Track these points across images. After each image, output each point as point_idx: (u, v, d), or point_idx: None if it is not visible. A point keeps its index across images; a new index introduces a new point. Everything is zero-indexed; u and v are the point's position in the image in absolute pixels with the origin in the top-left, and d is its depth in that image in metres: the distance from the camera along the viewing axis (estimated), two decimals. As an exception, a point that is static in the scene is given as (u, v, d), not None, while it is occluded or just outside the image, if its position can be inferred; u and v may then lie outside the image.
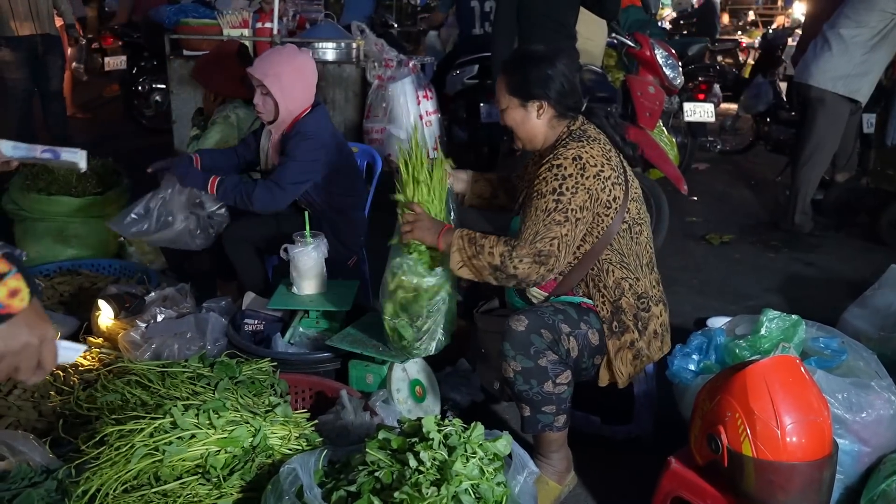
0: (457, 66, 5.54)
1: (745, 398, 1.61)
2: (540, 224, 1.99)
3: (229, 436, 1.70)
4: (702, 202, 5.36)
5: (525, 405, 2.01)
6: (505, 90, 2.16)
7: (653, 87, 3.96)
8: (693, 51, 6.37)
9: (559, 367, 1.98)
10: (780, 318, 2.16)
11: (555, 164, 2.04)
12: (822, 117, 4.35)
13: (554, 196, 2.00)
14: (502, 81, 2.17)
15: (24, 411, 2.07)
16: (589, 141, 2.09)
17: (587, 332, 2.05)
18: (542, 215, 1.99)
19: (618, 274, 2.09)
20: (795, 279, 3.97)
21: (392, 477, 1.51)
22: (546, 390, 1.97)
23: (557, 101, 2.13)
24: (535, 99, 2.12)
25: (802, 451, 1.58)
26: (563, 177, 2.01)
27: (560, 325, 2.00)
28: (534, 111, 2.14)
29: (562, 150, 2.06)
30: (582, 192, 2.01)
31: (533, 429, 2.03)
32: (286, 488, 1.53)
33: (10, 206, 3.34)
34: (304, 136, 2.74)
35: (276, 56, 2.78)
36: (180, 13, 4.62)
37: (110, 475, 1.60)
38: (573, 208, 2.00)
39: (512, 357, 1.96)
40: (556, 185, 2.01)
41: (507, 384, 2.03)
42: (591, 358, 2.08)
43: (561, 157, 2.05)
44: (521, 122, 2.17)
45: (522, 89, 2.13)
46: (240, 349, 2.40)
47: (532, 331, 1.96)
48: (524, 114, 2.15)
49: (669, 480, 1.83)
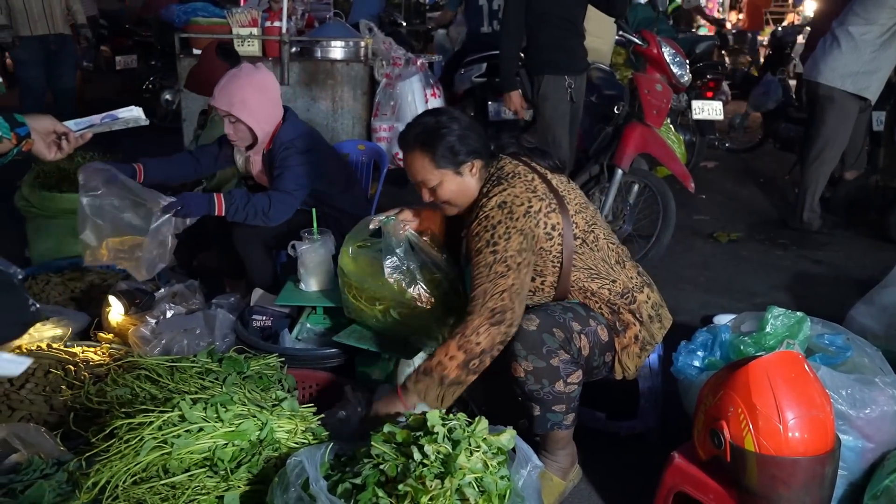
0: (465, 65, 5.56)
1: (747, 393, 1.61)
2: (486, 281, 1.91)
3: (237, 429, 1.72)
4: (710, 200, 5.35)
5: (535, 405, 1.98)
6: (432, 166, 2.06)
7: (660, 84, 3.95)
8: (701, 48, 6.35)
9: (571, 367, 1.96)
10: (786, 315, 2.16)
11: (481, 217, 2.00)
12: (832, 115, 4.34)
13: (489, 248, 1.95)
14: (423, 160, 2.06)
15: (36, 405, 2.10)
16: (508, 180, 2.04)
17: (596, 328, 2.04)
18: (485, 270, 1.93)
19: (594, 285, 2.07)
20: (803, 277, 3.96)
21: (397, 470, 1.52)
22: (557, 390, 1.95)
23: (482, 152, 2.08)
24: (465, 161, 2.06)
25: (804, 445, 1.59)
26: (492, 227, 1.97)
27: (571, 324, 1.98)
28: (467, 172, 2.08)
29: (485, 202, 2.02)
30: (516, 236, 1.95)
31: (542, 428, 2.02)
32: (292, 480, 1.55)
33: (21, 204, 3.39)
34: (289, 146, 2.77)
35: (235, 82, 2.74)
36: (190, 12, 4.65)
37: (120, 467, 1.63)
38: (511, 255, 1.93)
39: (523, 357, 1.93)
40: (487, 237, 1.97)
41: (515, 384, 1.99)
42: (602, 355, 2.07)
43: (486, 207, 2.01)
44: (459, 190, 2.09)
45: (450, 157, 2.05)
46: (248, 345, 2.42)
47: (544, 330, 1.93)
48: (460, 180, 2.08)
49: (672, 475, 1.84)
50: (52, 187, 3.37)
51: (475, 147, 2.08)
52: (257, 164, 2.90)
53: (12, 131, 1.54)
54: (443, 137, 2.05)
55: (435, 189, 2.09)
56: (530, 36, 3.81)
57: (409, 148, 2.10)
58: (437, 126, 2.07)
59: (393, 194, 4.58)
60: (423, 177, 2.09)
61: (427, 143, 2.06)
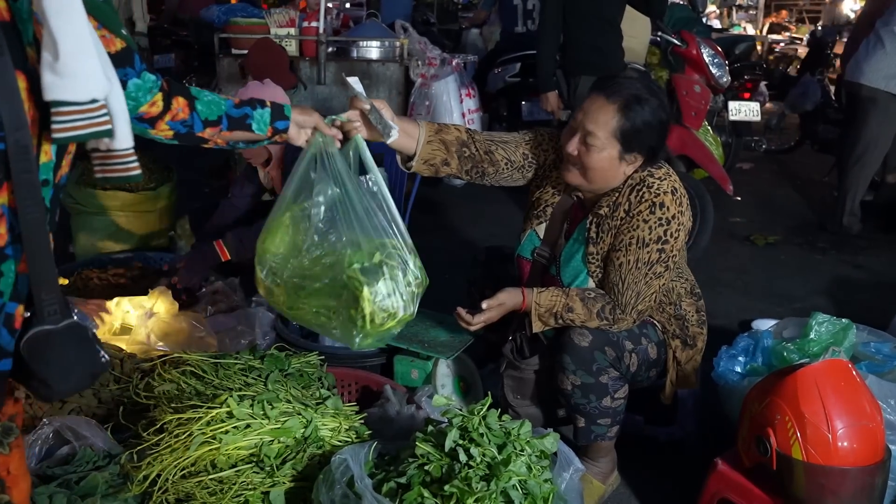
0: (499, 64, 5.54)
1: (795, 401, 1.60)
2: (641, 283, 1.85)
3: (282, 426, 1.75)
4: (746, 202, 5.28)
5: (580, 417, 1.97)
6: (608, 131, 1.83)
7: (699, 86, 3.92)
8: (740, 49, 6.27)
9: (618, 384, 1.95)
10: (830, 322, 2.14)
11: (656, 201, 1.85)
12: (874, 117, 4.26)
13: (658, 245, 1.84)
14: (609, 118, 1.82)
15: (86, 398, 2.15)
16: (663, 163, 1.94)
17: (647, 346, 2.01)
18: (644, 269, 1.84)
19: (678, 286, 2.06)
20: (843, 282, 3.89)
21: (441, 471, 1.54)
22: (604, 405, 1.94)
23: (655, 154, 1.90)
24: (636, 152, 1.87)
25: (854, 455, 1.57)
26: (666, 220, 1.84)
27: (623, 342, 1.94)
28: (628, 161, 1.88)
29: (654, 182, 1.86)
30: (682, 233, 1.89)
31: (586, 439, 2.01)
32: (338, 478, 1.57)
33: (67, 200, 3.46)
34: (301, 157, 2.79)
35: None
36: (229, 13, 4.72)
37: (170, 461, 1.66)
38: (674, 254, 1.88)
39: (572, 371, 1.91)
40: (660, 232, 1.84)
41: (562, 395, 1.98)
42: (648, 371, 2.05)
43: (659, 191, 1.85)
44: (606, 169, 1.87)
45: (631, 138, 1.84)
46: (288, 342, 2.45)
47: (596, 347, 1.89)
48: (616, 163, 1.87)
49: (716, 481, 1.83)
50: (97, 184, 3.44)
51: (655, 146, 1.89)
52: (277, 178, 2.94)
53: (270, 125, 1.54)
54: (643, 116, 1.83)
55: (590, 146, 1.84)
56: (568, 36, 3.80)
57: (609, 97, 1.84)
58: (648, 102, 1.84)
59: (428, 195, 4.61)
60: (594, 130, 1.83)
61: (626, 109, 1.82)
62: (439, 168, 1.98)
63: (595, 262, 1.97)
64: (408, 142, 1.92)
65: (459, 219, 4.68)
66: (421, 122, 1.98)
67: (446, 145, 1.96)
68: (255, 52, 3.55)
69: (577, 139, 1.87)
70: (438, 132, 1.97)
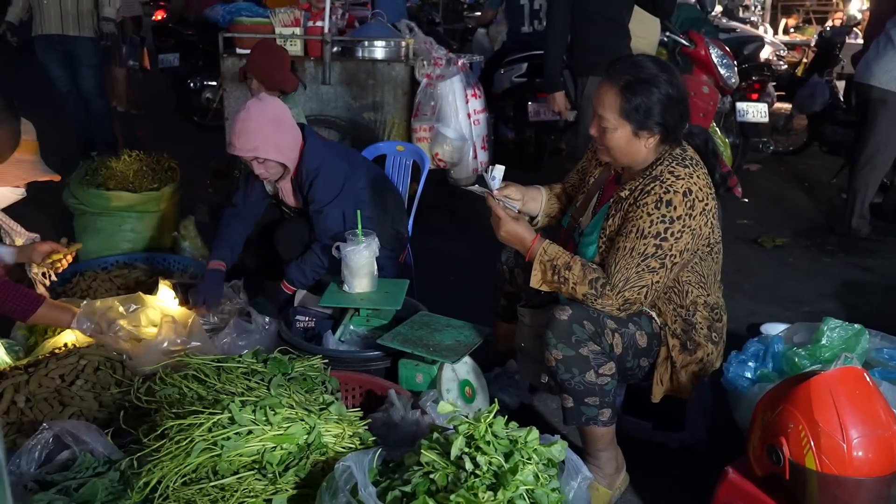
0: (505, 65, 5.52)
1: (809, 410, 1.57)
2: (632, 270, 1.89)
3: (285, 433, 1.72)
4: (753, 204, 5.24)
5: (567, 395, 1.99)
6: (616, 112, 1.93)
7: (707, 87, 3.89)
8: (749, 50, 6.22)
9: (602, 358, 1.95)
10: (842, 328, 2.11)
11: (664, 198, 1.88)
12: (884, 118, 4.22)
13: (656, 241, 1.88)
14: (614, 100, 1.92)
15: (87, 402, 2.13)
16: (694, 166, 1.94)
17: (635, 332, 2.02)
18: (637, 259, 1.88)
19: (695, 293, 2.05)
20: (852, 285, 3.85)
21: (447, 479, 1.51)
22: (588, 380, 1.95)
23: (672, 130, 1.93)
24: (650, 129, 1.93)
25: (869, 466, 1.53)
26: (670, 219, 1.88)
27: (605, 320, 1.96)
28: (644, 139, 1.95)
29: (670, 179, 1.90)
30: (686, 236, 1.90)
31: (576, 420, 2.00)
32: (341, 486, 1.54)
33: (70, 201, 3.44)
34: (316, 174, 2.75)
35: (250, 124, 2.65)
36: (234, 12, 4.69)
37: (171, 468, 1.63)
38: (673, 254, 1.89)
39: (553, 346, 1.94)
40: (661, 228, 1.88)
41: (550, 375, 2.01)
42: (637, 359, 2.05)
43: (671, 189, 1.88)
44: (626, 148, 1.97)
45: (640, 117, 1.91)
46: (291, 346, 2.42)
47: (574, 321, 1.93)
48: (634, 141, 1.95)
49: (727, 491, 1.79)
50: (100, 185, 3.42)
51: (669, 122, 1.93)
52: (288, 191, 2.90)
53: None
54: (647, 94, 1.90)
55: (605, 130, 1.97)
56: (575, 36, 3.76)
57: (611, 79, 1.94)
58: (651, 80, 1.91)
59: (434, 195, 4.58)
60: (603, 113, 1.96)
61: (628, 89, 1.91)
62: (556, 215, 2.40)
63: (603, 239, 2.05)
64: (533, 206, 2.36)
65: (466, 221, 4.66)
66: (541, 188, 2.40)
67: (558, 197, 2.41)
68: (257, 53, 3.52)
69: (595, 123, 2.02)
70: (550, 190, 2.42)
